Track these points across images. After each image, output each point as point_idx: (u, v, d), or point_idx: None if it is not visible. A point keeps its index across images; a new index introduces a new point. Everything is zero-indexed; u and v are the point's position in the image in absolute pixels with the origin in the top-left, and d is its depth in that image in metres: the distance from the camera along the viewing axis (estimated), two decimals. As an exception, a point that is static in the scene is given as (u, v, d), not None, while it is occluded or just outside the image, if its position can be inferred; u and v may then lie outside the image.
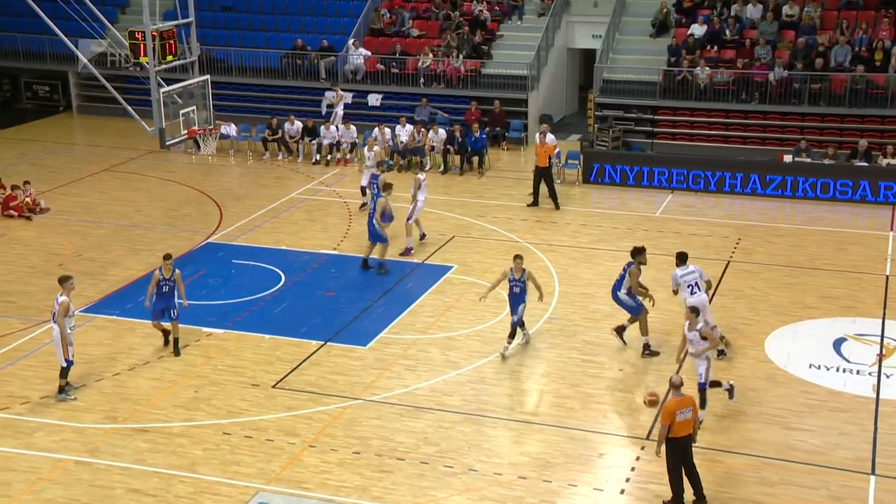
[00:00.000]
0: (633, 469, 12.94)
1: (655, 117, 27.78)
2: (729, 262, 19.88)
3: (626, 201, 23.82)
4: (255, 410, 14.40)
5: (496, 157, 27.08)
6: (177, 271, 16.05)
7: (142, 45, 23.16)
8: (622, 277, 15.97)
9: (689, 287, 15.45)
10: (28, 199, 22.69)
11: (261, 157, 27.58)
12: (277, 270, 19.45)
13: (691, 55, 27.60)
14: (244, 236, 21.33)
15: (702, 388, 13.79)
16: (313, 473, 12.90)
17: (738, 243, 20.89)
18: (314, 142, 27.18)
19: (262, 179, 25.76)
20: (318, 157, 27.05)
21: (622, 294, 15.97)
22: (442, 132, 26.36)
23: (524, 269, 15.83)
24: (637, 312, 15.97)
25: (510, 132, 28.38)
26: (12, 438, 13.69)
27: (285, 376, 15.39)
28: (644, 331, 15.95)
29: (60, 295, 14.57)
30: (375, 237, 19.14)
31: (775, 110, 26.67)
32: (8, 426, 14.00)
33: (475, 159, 26.13)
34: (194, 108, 24.74)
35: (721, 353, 15.71)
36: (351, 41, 30.15)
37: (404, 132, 26.54)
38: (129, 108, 24.54)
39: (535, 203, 23.00)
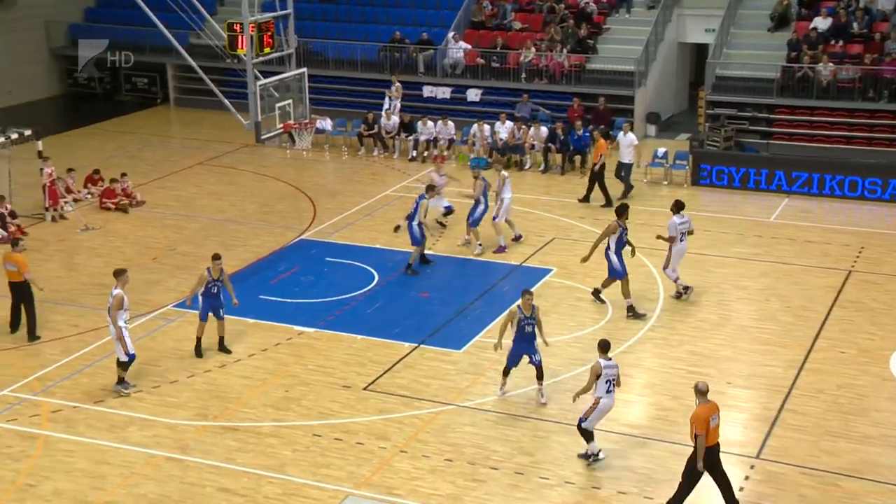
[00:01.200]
0: (741, 489, 12.68)
1: (772, 116, 27.22)
2: (850, 271, 19.33)
3: (737, 205, 23.37)
4: (346, 412, 14.59)
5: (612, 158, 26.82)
6: (225, 271, 16.28)
7: (240, 37, 23.71)
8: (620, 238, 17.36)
9: (681, 235, 17.65)
10: (125, 194, 23.41)
11: (356, 152, 27.92)
12: (371, 269, 19.67)
13: (813, 50, 26.92)
14: (338, 234, 21.63)
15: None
16: (404, 480, 13.00)
17: (860, 252, 20.29)
18: (411, 138, 27.39)
19: (357, 175, 26.08)
20: (414, 153, 27.25)
21: (612, 254, 17.38)
22: (543, 130, 26.27)
23: (534, 306, 14.62)
24: (620, 276, 17.39)
25: (615, 130, 28.09)
26: (107, 432, 14.17)
27: (377, 378, 15.55)
28: (626, 293, 17.36)
29: (115, 288, 14.96)
30: (414, 240, 19.24)
31: (906, 110, 25.84)
32: (103, 419, 14.49)
33: (577, 158, 25.96)
34: (290, 101, 25.21)
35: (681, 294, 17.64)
36: (451, 34, 30.28)
37: (504, 129, 26.54)
38: (226, 100, 25.12)
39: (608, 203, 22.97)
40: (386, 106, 28.11)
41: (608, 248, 17.46)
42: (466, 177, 25.47)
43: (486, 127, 26.72)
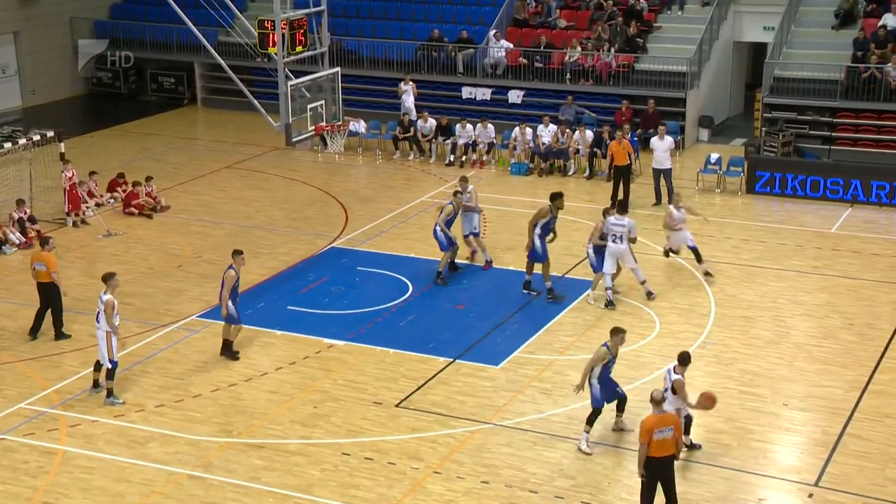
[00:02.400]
0: (795, 518, 12.54)
1: (834, 120, 26.96)
2: (916, 287, 19.08)
3: (796, 215, 23.15)
4: (377, 430, 14.61)
5: (648, 161, 26.71)
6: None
7: (271, 35, 23.91)
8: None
9: (612, 236, 18.15)
10: (149, 198, 23.67)
11: (391, 156, 28.01)
12: (404, 280, 19.70)
13: (881, 49, 26.65)
14: (370, 242, 21.69)
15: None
16: (438, 502, 12.98)
17: (927, 266, 20.03)
18: (448, 141, 27.44)
19: (391, 181, 26.16)
20: (452, 157, 27.29)
21: (536, 237, 18.28)
22: (589, 134, 26.20)
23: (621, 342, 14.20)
24: (541, 260, 18.37)
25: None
26: (126, 448, 14.29)
27: (410, 395, 15.56)
28: (546, 276, 18.45)
29: (105, 293, 15.23)
30: (441, 246, 19.42)
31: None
32: (122, 434, 14.63)
33: (625, 163, 25.82)
34: (322, 102, 25.38)
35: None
36: (492, 32, 30.33)
37: (547, 133, 26.51)
38: (255, 101, 25.32)
39: (658, 202, 23.26)
40: (406, 105, 28.19)
41: (535, 227, 18.47)
42: (507, 183, 25.52)
43: (528, 130, 26.71)
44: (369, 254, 21.07)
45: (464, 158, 27.15)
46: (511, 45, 30.16)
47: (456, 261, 19.85)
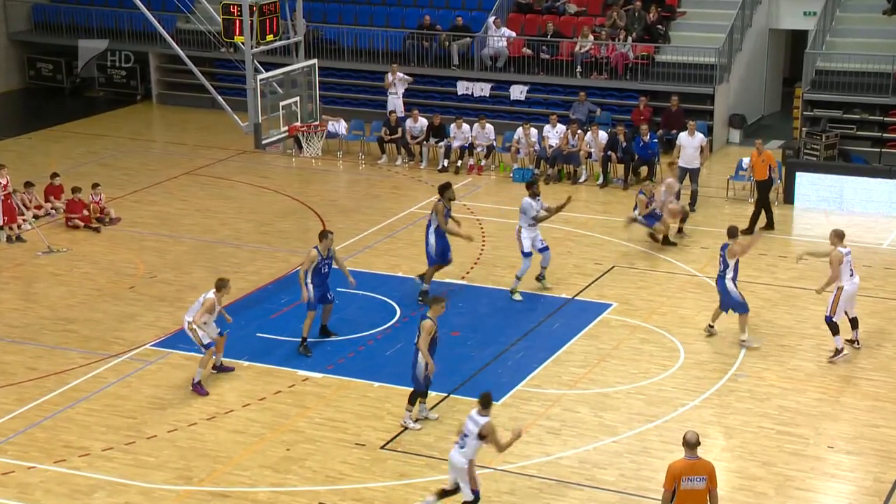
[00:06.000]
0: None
1: (886, 119, 27.10)
2: (980, 311, 19.18)
3: (841, 227, 23.17)
4: (359, 476, 14.62)
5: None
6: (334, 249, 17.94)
7: (237, 22, 23.96)
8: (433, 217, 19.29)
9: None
10: (95, 206, 23.69)
11: (375, 161, 28.10)
12: (391, 302, 19.74)
13: (938, 38, 26.84)
14: (352, 258, 21.74)
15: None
16: (428, 559, 13.01)
17: None
18: (441, 143, 27.55)
19: (375, 189, 26.23)
20: (445, 162, 27.39)
21: (431, 235, 19.31)
22: (602, 135, 26.33)
23: None
24: (431, 263, 19.44)
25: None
26: (68, 499, 14.25)
27: (397, 435, 15.58)
28: (428, 279, 19.46)
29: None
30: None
31: None
32: (63, 482, 14.60)
33: (643, 169, 25.97)
34: (297, 99, 25.42)
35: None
36: (491, 19, 30.50)
37: (554, 134, 26.63)
38: (219, 97, 25.38)
39: (769, 225, 22.96)
40: (393, 102, 28.38)
41: (429, 226, 19.41)
42: (508, 191, 25.61)
43: (534, 131, 26.82)
44: (351, 273, 21.09)
45: (459, 163, 27.26)
46: (513, 34, 30.32)
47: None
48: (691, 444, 11.99)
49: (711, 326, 18.26)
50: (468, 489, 13.02)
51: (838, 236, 17.57)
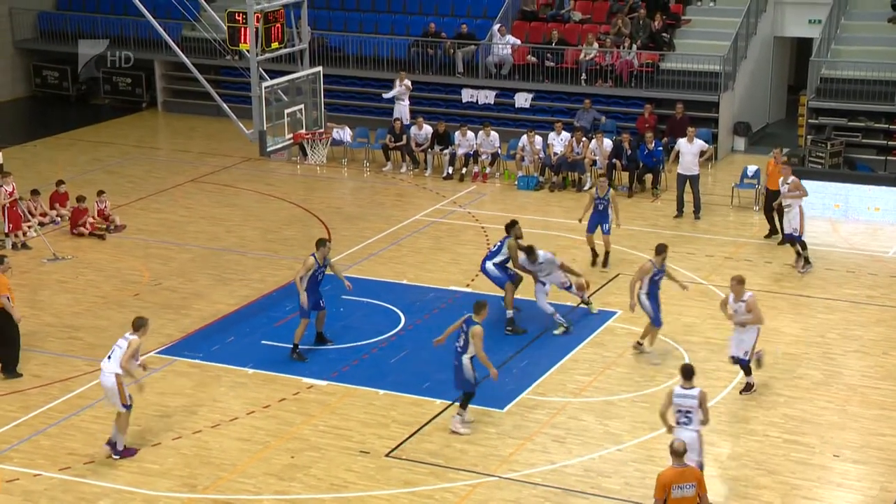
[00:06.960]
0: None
1: (891, 127, 27.08)
2: None
3: (847, 236, 23.22)
4: (364, 484, 14.59)
5: (672, 168, 26.80)
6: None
7: (242, 30, 23.97)
8: (498, 250, 19.08)
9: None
10: (101, 216, 23.69)
11: (380, 168, 28.11)
12: (396, 310, 19.73)
13: (945, 46, 26.82)
14: (357, 266, 21.74)
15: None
16: (433, 568, 12.99)
17: None
18: (446, 151, 27.55)
19: (380, 196, 26.24)
20: (450, 169, 27.39)
21: (490, 265, 19.05)
22: (607, 142, 26.33)
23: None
24: (502, 284, 18.99)
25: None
26: (72, 504, 14.28)
27: (402, 443, 15.56)
28: (509, 303, 18.91)
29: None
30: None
31: None
32: (69, 490, 14.59)
33: (648, 177, 25.96)
34: (302, 106, 25.40)
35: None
36: (496, 27, 30.51)
37: (559, 141, 26.62)
38: (224, 105, 25.40)
39: (773, 233, 22.87)
40: (398, 110, 28.45)
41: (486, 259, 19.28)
42: (513, 199, 25.59)
43: (538, 139, 26.81)
44: (356, 280, 21.01)
45: (464, 171, 27.25)
46: (518, 42, 30.33)
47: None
48: (679, 453, 12.21)
49: (640, 343, 18.07)
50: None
51: (739, 282, 16.54)
